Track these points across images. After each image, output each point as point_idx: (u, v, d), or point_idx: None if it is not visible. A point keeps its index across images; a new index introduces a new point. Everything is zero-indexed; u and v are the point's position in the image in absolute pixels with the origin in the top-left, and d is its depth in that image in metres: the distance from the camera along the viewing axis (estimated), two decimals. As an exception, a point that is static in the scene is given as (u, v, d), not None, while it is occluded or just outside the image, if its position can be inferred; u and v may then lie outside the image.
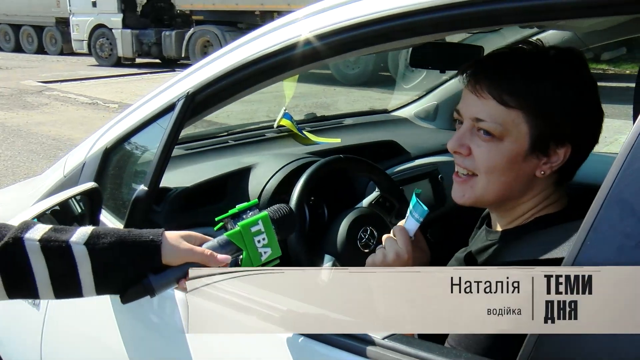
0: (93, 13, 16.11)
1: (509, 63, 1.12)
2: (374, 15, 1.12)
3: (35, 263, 0.97)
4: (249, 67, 1.32)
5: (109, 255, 1.00)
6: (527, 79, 1.09)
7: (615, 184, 0.75)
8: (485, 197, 1.16)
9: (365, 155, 2.17)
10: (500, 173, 1.12)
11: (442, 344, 1.06)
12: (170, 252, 1.03)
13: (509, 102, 1.09)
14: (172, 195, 1.72)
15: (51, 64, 16.38)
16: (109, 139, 1.59)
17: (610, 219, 0.75)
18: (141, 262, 1.02)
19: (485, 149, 1.12)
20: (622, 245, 0.73)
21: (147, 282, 1.02)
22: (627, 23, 1.64)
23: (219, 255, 1.06)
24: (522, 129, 1.09)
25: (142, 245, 1.02)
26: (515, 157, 1.11)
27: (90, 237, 1.00)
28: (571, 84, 1.09)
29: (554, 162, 1.11)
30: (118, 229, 1.04)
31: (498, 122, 1.10)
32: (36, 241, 0.98)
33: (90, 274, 0.99)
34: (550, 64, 1.10)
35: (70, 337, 1.55)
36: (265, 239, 1.09)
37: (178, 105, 1.39)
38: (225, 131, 2.41)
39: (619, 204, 0.74)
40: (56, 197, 1.41)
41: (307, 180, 1.67)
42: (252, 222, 1.09)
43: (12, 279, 0.97)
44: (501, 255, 1.14)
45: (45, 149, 7.26)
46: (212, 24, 14.45)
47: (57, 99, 10.83)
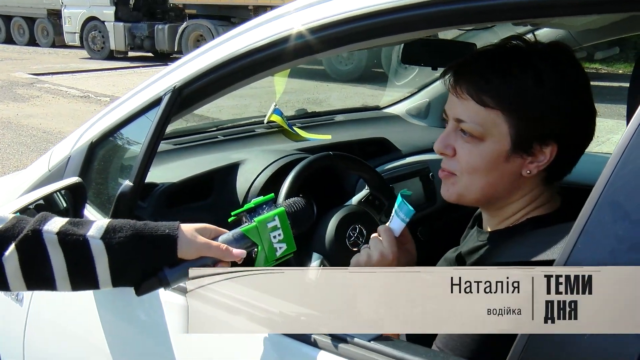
0: (85, 5, 16.01)
1: (487, 62, 1.10)
2: (365, 10, 1.10)
3: (54, 255, 0.98)
4: (237, 61, 1.30)
5: (125, 250, 1.01)
6: (505, 78, 1.06)
7: (608, 186, 0.73)
8: (468, 195, 1.14)
9: (356, 152, 2.16)
10: (483, 173, 1.11)
11: (430, 346, 1.04)
12: (186, 247, 1.03)
13: (488, 103, 1.07)
14: (158, 191, 1.70)
15: (42, 56, 16.27)
16: (95, 133, 1.56)
17: (603, 222, 0.73)
18: (157, 257, 1.03)
19: (467, 149, 1.10)
20: (615, 249, 0.72)
21: (162, 275, 1.02)
22: (620, 22, 1.64)
23: (235, 250, 1.06)
24: (502, 129, 1.07)
25: (158, 239, 1.02)
26: (498, 158, 1.09)
27: (107, 231, 1.01)
28: (554, 81, 1.06)
29: (541, 162, 1.09)
30: (134, 222, 1.04)
31: (477, 123, 1.08)
32: (54, 234, 0.99)
33: (107, 268, 1.00)
34: (530, 60, 1.07)
35: (53, 332, 1.53)
36: (281, 235, 1.10)
37: (164, 99, 1.36)
38: (214, 126, 2.38)
39: (612, 206, 0.73)
40: (38, 191, 1.38)
41: (295, 178, 1.65)
42: (268, 217, 1.09)
43: (32, 270, 0.99)
44: (491, 256, 1.12)
45: (35, 142, 7.21)
46: (205, 18, 14.42)
47: (49, 92, 10.76)
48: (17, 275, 0.98)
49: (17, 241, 0.98)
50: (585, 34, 1.86)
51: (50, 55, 16.62)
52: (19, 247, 0.98)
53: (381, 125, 2.66)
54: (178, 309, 1.25)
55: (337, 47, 1.23)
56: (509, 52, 1.10)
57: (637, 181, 0.72)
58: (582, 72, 1.12)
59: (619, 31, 1.78)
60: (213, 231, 1.10)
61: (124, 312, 1.36)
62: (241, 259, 1.07)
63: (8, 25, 19.54)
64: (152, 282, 1.03)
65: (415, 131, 2.63)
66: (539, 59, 1.07)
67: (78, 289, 1.04)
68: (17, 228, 1.00)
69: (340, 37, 1.17)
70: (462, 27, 1.87)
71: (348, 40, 1.19)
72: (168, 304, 1.26)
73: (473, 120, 1.08)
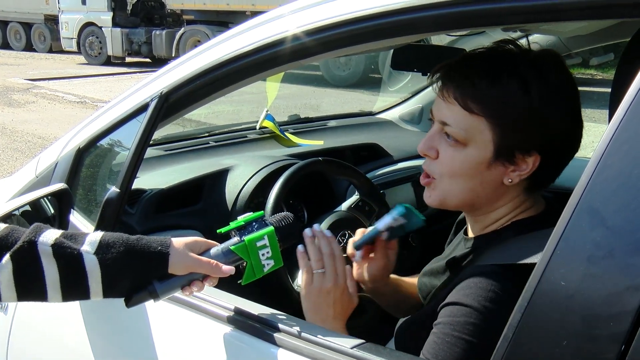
0: (82, 11, 16.03)
1: (475, 67, 1.09)
2: (354, 14, 1.09)
3: (48, 267, 1.00)
4: (224, 66, 1.29)
5: (118, 265, 1.03)
6: (492, 86, 1.05)
7: (586, 192, 0.72)
8: (450, 200, 1.14)
9: (348, 158, 2.15)
10: (463, 178, 1.10)
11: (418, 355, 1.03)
12: (177, 263, 1.06)
13: (473, 109, 1.06)
14: (146, 197, 1.70)
15: (39, 62, 16.28)
16: (82, 139, 1.55)
17: (581, 228, 0.73)
18: (148, 272, 1.06)
19: (450, 153, 1.10)
20: (592, 255, 0.71)
21: (152, 289, 1.06)
22: (609, 28, 1.63)
23: (224, 266, 1.09)
24: (485, 136, 1.07)
25: (150, 256, 1.05)
26: (479, 164, 1.08)
27: (100, 246, 1.04)
28: (540, 90, 1.04)
29: (523, 171, 1.08)
30: (127, 237, 1.07)
31: (462, 128, 1.07)
32: (49, 246, 1.01)
33: (100, 282, 1.03)
34: (518, 68, 1.05)
35: (37, 339, 1.52)
36: (269, 252, 1.13)
37: (151, 105, 1.36)
38: (206, 132, 2.38)
39: (589, 213, 0.72)
40: (24, 197, 1.38)
41: (284, 183, 1.65)
42: (258, 237, 1.12)
43: (25, 281, 1.01)
44: (475, 260, 1.11)
45: (30, 148, 7.19)
46: (202, 23, 14.44)
47: (45, 97, 10.75)
48: (9, 286, 0.99)
49: (12, 252, 0.99)
50: (575, 40, 1.85)
51: (47, 61, 16.63)
52: (13, 258, 0.99)
53: (374, 131, 2.66)
54: (163, 316, 1.24)
55: (324, 52, 1.22)
56: (497, 57, 1.09)
57: (613, 187, 0.72)
58: (571, 81, 1.10)
59: (609, 37, 1.77)
60: (203, 245, 1.12)
61: (109, 319, 1.35)
62: (230, 275, 1.10)
63: (5, 30, 19.57)
64: (143, 295, 1.06)
65: (408, 137, 2.62)
66: (527, 67, 1.06)
67: (68, 300, 1.05)
68: (11, 238, 1.01)
69: (326, 42, 1.17)
70: (451, 33, 1.87)
71: (335, 45, 1.18)
72: (153, 311, 1.25)
73: (458, 124, 1.08)
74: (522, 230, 1.09)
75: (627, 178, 0.71)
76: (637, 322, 0.68)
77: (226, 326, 1.15)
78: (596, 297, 0.71)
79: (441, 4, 0.98)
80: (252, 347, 1.10)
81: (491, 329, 0.92)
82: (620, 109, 0.73)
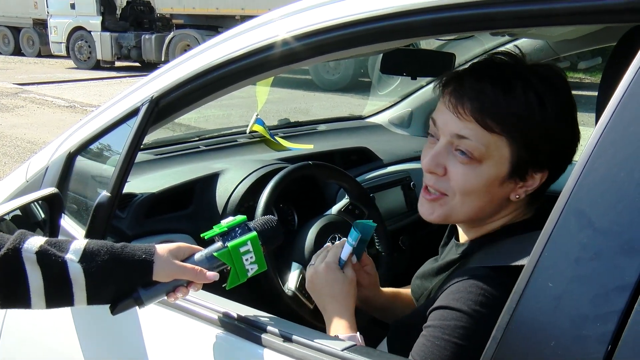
0: (71, 15, 15.96)
1: (491, 85, 1.05)
2: (344, 19, 1.10)
3: (32, 275, 1.00)
4: (214, 71, 1.30)
5: (102, 274, 1.04)
6: (511, 104, 1.03)
7: (573, 194, 0.74)
8: (455, 216, 1.13)
9: (337, 162, 2.16)
10: (475, 196, 1.09)
11: (407, 356, 1.04)
12: (161, 270, 1.07)
13: (493, 127, 1.04)
14: (137, 202, 1.69)
15: (28, 66, 16.18)
16: (73, 143, 1.55)
17: (568, 230, 0.74)
18: (133, 280, 1.07)
19: (462, 170, 1.07)
20: (579, 257, 0.72)
21: (137, 296, 1.07)
22: (596, 32, 1.66)
23: (208, 272, 1.10)
24: (503, 153, 1.05)
25: (134, 264, 1.06)
26: (493, 182, 1.07)
27: (84, 254, 1.04)
28: (554, 105, 1.05)
29: (529, 186, 1.09)
30: (111, 245, 1.07)
31: (483, 144, 1.05)
32: (33, 253, 1.01)
33: (84, 290, 1.03)
34: (534, 87, 1.04)
35: (27, 346, 1.51)
36: (253, 257, 1.13)
37: (142, 109, 1.36)
38: (196, 136, 2.38)
39: (576, 215, 0.73)
40: (15, 202, 1.37)
41: (274, 187, 1.65)
42: (241, 243, 1.13)
43: (8, 288, 1.01)
44: (466, 263, 1.12)
45: (19, 152, 7.15)
46: (192, 28, 14.44)
47: (34, 102, 10.69)
48: None
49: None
50: (562, 44, 1.88)
51: (35, 65, 16.54)
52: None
53: (364, 135, 2.67)
54: (152, 319, 1.25)
55: (314, 56, 1.23)
56: (511, 72, 1.06)
57: (600, 190, 0.73)
58: (572, 96, 1.11)
59: (595, 41, 1.80)
60: (187, 250, 1.13)
61: (99, 322, 1.35)
62: (214, 280, 1.11)
63: (-8, 34, 19.44)
64: (128, 302, 1.07)
65: (398, 140, 2.64)
66: (539, 81, 1.05)
67: (52, 307, 1.05)
68: None
69: (316, 46, 1.17)
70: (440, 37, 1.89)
71: (325, 50, 1.19)
72: (143, 314, 1.25)
73: (479, 140, 1.05)
74: (514, 233, 1.10)
75: (613, 180, 0.73)
76: (623, 323, 0.69)
77: (216, 329, 1.15)
78: (583, 298, 0.72)
79: (432, 8, 0.98)
80: (243, 350, 1.10)
81: (481, 332, 0.92)
82: (607, 112, 0.74)
